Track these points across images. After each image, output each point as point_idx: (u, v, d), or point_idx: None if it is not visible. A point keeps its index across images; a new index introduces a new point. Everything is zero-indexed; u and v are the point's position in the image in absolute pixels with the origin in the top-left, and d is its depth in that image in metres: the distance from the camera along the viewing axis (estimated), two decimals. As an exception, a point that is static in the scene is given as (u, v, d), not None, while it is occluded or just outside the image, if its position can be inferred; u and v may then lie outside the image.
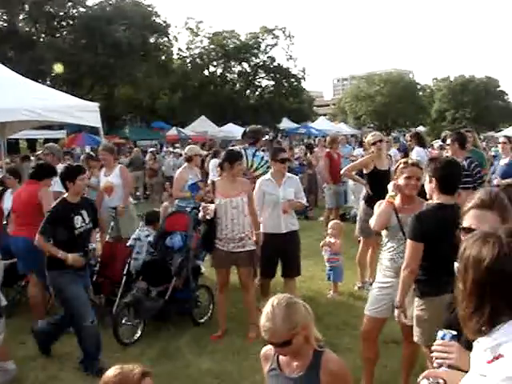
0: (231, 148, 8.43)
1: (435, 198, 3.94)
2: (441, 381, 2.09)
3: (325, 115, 67.30)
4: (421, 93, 73.76)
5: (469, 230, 2.37)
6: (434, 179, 3.93)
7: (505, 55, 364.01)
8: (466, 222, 2.53)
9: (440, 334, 2.27)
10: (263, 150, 8.40)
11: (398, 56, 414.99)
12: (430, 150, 11.66)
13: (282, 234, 6.56)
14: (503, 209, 2.56)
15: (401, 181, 4.61)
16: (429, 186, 4.00)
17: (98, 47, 40.88)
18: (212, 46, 54.76)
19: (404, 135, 48.67)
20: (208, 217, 6.12)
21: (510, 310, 1.67)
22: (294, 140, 40.38)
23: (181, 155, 17.35)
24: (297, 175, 7.79)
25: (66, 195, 5.67)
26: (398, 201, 4.62)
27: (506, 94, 73.02)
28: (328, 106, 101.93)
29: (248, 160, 7.95)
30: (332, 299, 7.67)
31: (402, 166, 4.66)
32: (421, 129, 58.71)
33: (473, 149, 8.69)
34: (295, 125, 47.02)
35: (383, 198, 4.70)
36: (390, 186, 4.67)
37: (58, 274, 5.42)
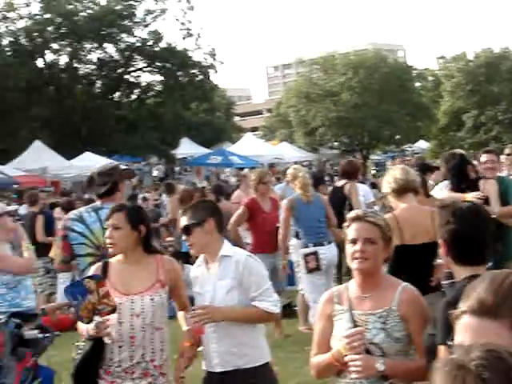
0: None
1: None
2: None
3: (255, 130, 48.61)
4: (418, 83, 43.18)
5: None
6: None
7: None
8: (459, 335, 1.48)
9: None
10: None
11: (376, 25, 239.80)
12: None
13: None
14: None
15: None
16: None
17: None
18: (48, 16, 29.47)
19: (393, 158, 32.98)
20: (107, 340, 3.54)
21: None
22: (197, 176, 22.20)
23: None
24: None
25: None
26: (354, 291, 2.87)
27: None
28: (259, 114, 66.57)
29: (93, 231, 4.59)
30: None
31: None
32: (421, 146, 41.98)
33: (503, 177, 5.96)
34: (203, 149, 29.80)
35: None
36: None
37: None
